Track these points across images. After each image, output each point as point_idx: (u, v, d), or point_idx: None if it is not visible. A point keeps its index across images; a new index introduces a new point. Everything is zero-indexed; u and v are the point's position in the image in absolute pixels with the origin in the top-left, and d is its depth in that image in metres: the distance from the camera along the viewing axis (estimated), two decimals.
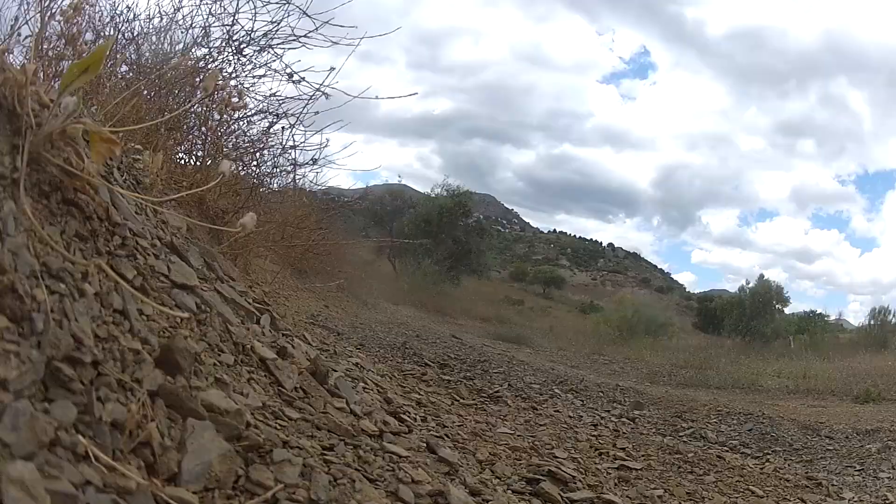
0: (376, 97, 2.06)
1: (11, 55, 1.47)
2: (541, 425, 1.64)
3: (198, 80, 2.27)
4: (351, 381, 1.01)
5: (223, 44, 2.42)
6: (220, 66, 2.43)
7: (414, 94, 5.07)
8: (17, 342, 0.40)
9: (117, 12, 2.37)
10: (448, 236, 15.00)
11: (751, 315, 20.45)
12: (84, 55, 0.97)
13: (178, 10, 2.43)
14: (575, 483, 0.98)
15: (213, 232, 1.72)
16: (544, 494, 0.89)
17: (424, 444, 0.87)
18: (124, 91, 1.82)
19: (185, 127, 2.34)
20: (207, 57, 2.46)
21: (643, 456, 1.52)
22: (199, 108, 2.36)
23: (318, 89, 2.15)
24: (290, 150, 2.49)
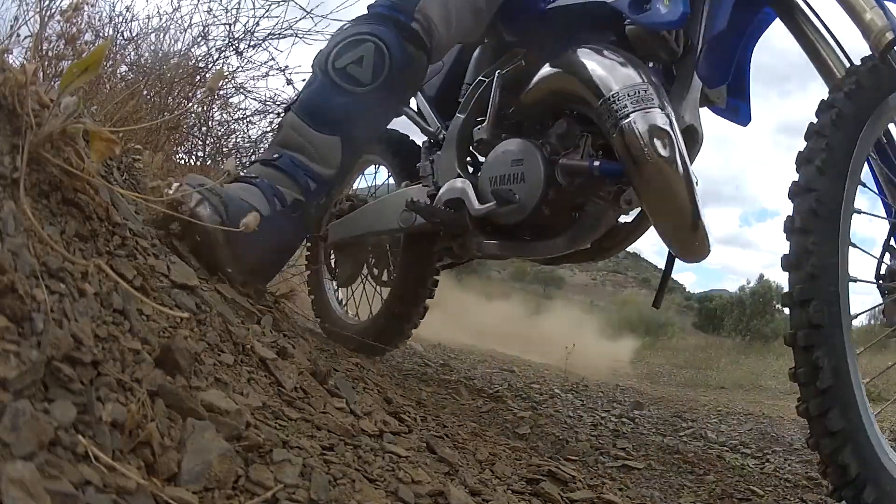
0: None
1: (11, 55, 1.47)
2: (541, 425, 1.64)
3: (198, 79, 2.28)
4: (351, 381, 1.01)
5: (224, 45, 2.43)
6: (220, 67, 2.43)
7: None
8: (17, 342, 0.40)
9: (116, 13, 2.38)
10: None
11: (751, 315, 20.44)
12: (84, 55, 0.97)
13: (177, 9, 2.44)
14: (575, 483, 0.98)
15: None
16: (544, 494, 0.89)
17: (424, 444, 0.87)
18: (124, 91, 1.82)
19: (184, 127, 2.35)
20: (207, 57, 2.47)
21: (643, 456, 1.52)
22: (199, 109, 2.37)
23: None
24: None
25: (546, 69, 1.29)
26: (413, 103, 1.71)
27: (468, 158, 1.54)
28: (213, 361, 0.67)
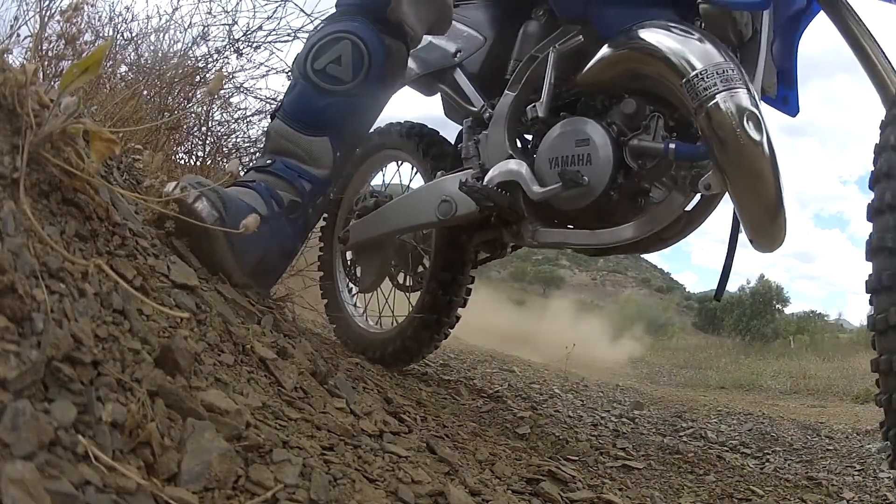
0: None
1: (11, 55, 1.47)
2: (541, 425, 1.64)
3: (198, 79, 2.28)
4: (351, 381, 1.01)
5: (224, 45, 2.43)
6: (220, 66, 2.43)
7: None
8: (17, 342, 0.40)
9: (116, 13, 2.38)
10: None
11: (751, 315, 20.47)
12: (84, 55, 0.97)
13: (176, 9, 2.44)
14: (575, 483, 0.98)
15: None
16: (544, 494, 0.88)
17: (424, 444, 0.87)
18: (124, 91, 1.82)
19: (184, 127, 2.35)
20: (207, 57, 2.47)
21: (643, 456, 1.52)
22: (199, 108, 2.37)
23: None
24: None
25: (612, 46, 1.22)
26: (452, 81, 1.60)
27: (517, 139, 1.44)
28: (213, 361, 0.67)
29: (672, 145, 1.17)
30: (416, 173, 1.82)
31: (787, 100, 1.34)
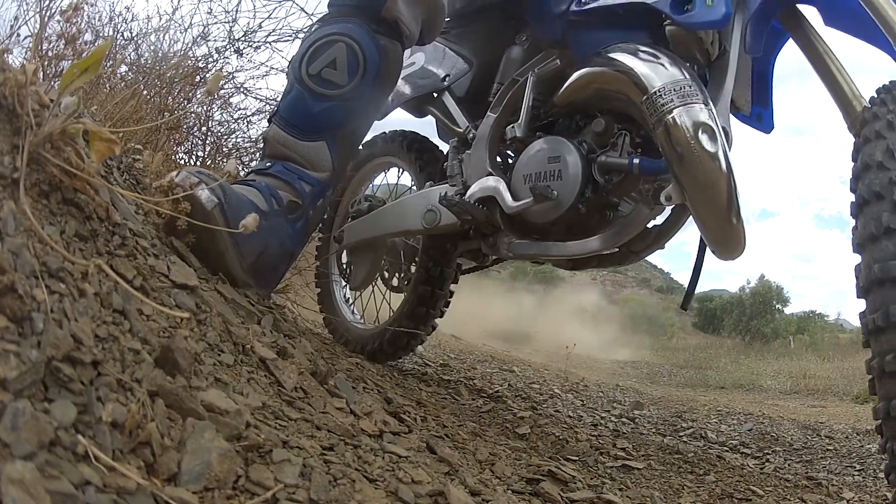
0: None
1: (11, 55, 1.47)
2: (541, 425, 1.64)
3: (198, 79, 2.28)
4: (351, 381, 1.01)
5: (226, 46, 2.43)
6: (220, 67, 2.43)
7: None
8: (17, 342, 0.40)
9: (116, 13, 2.39)
10: None
11: (751, 315, 20.48)
12: (84, 55, 0.97)
13: (176, 9, 2.44)
14: (575, 483, 0.98)
15: None
16: (544, 494, 0.89)
17: (424, 444, 0.87)
18: (124, 91, 1.82)
19: (184, 127, 2.35)
20: (207, 57, 2.47)
21: (643, 456, 1.52)
22: (199, 108, 2.36)
23: None
24: None
25: (584, 68, 1.29)
26: (439, 103, 1.69)
27: (498, 158, 1.52)
28: (213, 361, 0.67)
29: (636, 160, 1.23)
30: (402, 172, 1.92)
31: (761, 117, 1.39)
